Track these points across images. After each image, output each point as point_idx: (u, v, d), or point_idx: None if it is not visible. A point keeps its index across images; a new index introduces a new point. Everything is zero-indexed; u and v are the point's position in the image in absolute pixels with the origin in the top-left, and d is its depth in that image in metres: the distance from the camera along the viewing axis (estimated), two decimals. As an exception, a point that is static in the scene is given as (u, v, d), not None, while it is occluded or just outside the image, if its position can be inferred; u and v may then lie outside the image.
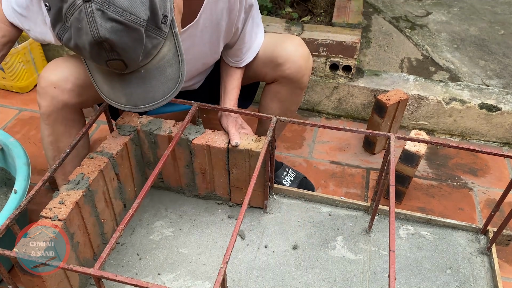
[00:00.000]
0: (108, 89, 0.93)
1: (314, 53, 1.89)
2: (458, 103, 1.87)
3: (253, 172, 1.07)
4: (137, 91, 0.92)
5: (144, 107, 0.95)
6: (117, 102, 0.94)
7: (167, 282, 1.21)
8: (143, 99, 0.94)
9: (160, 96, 0.95)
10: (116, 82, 0.92)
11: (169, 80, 0.94)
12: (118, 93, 0.93)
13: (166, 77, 0.94)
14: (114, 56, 0.83)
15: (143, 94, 0.93)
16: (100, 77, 0.93)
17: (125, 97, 0.93)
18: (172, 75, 0.95)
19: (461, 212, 1.60)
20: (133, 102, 0.94)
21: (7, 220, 0.94)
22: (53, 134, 1.24)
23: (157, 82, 0.93)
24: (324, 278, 1.22)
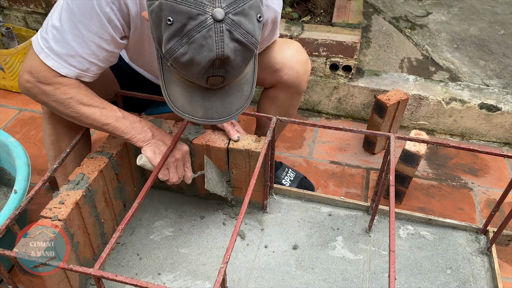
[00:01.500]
0: (185, 102, 0.96)
1: (314, 53, 1.89)
2: (458, 103, 1.87)
3: (253, 172, 1.07)
4: (216, 105, 0.96)
5: (219, 120, 0.99)
6: (192, 115, 0.97)
7: (167, 282, 1.21)
8: (220, 113, 0.97)
9: (233, 111, 0.99)
10: (198, 96, 0.95)
11: (243, 97, 1.00)
12: (196, 107, 0.96)
13: (242, 94, 0.99)
14: (219, 73, 0.87)
15: (221, 109, 0.97)
16: (180, 90, 0.96)
17: (202, 111, 0.96)
18: (247, 93, 1.00)
19: (461, 212, 1.60)
20: (209, 116, 0.97)
21: (7, 220, 0.94)
22: (54, 134, 1.24)
23: (235, 98, 0.98)
24: (324, 278, 1.23)
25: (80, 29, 0.98)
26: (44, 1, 2.08)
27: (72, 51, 1.01)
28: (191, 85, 0.94)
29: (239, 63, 0.87)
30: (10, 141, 1.39)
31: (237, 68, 0.88)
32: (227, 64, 0.86)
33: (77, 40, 1.00)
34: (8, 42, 2.02)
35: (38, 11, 2.12)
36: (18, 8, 2.14)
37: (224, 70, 0.87)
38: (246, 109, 1.45)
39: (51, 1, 2.06)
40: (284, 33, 1.90)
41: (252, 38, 0.85)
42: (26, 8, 2.13)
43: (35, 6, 2.11)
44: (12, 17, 2.19)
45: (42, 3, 2.09)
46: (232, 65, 0.86)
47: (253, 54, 0.90)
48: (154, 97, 1.28)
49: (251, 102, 1.81)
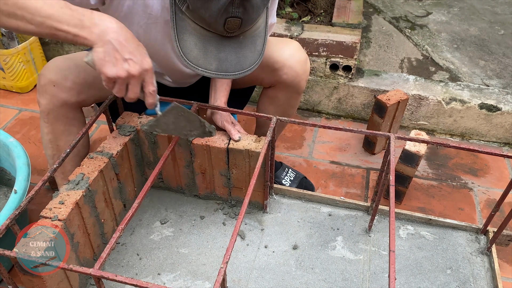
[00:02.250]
0: (198, 53, 0.93)
1: (314, 53, 1.89)
2: (458, 103, 1.86)
3: (253, 172, 1.07)
4: (231, 57, 0.94)
5: (234, 74, 0.96)
6: (205, 68, 0.94)
7: (167, 282, 1.21)
8: (234, 65, 0.95)
9: (247, 66, 0.97)
10: (212, 46, 0.93)
11: (256, 52, 0.97)
12: (210, 58, 0.94)
13: (255, 48, 0.97)
14: (237, 13, 0.86)
15: (236, 61, 0.95)
16: (194, 40, 0.93)
17: (217, 63, 0.94)
18: (259, 47, 0.98)
19: (461, 212, 1.60)
20: (224, 68, 0.95)
21: (7, 220, 0.94)
22: (52, 132, 1.24)
23: (248, 52, 0.96)
24: (324, 278, 1.23)
25: None
26: (44, 1, 2.08)
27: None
28: (206, 33, 0.92)
29: (259, 4, 0.86)
30: (10, 141, 1.39)
31: (256, 8, 0.87)
32: (247, 2, 0.84)
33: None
34: (8, 42, 2.02)
35: None
36: (18, 8, 2.15)
37: (243, 9, 0.85)
38: (246, 109, 1.46)
39: (51, 1, 2.06)
40: (284, 33, 1.90)
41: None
42: (26, 8, 2.13)
43: (35, 6, 2.11)
44: (12, 17, 2.19)
45: (42, 3, 2.09)
46: (252, 5, 0.85)
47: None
48: (154, 97, 1.28)
49: (251, 102, 1.82)
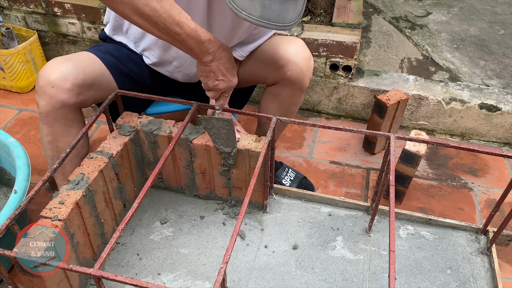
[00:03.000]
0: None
1: (314, 53, 1.89)
2: (458, 103, 1.87)
3: (253, 172, 1.07)
4: (275, 6, 0.95)
5: (275, 25, 0.97)
6: (249, 13, 0.95)
7: (167, 282, 1.21)
8: (277, 16, 0.96)
9: (287, 21, 0.98)
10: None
11: (296, 10, 0.99)
12: (255, 3, 0.94)
13: (296, 7, 0.99)
14: None
15: (279, 12, 0.96)
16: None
17: (261, 9, 0.95)
18: (299, 7, 1.00)
19: (461, 212, 1.60)
20: (267, 17, 0.96)
21: (7, 220, 0.94)
22: (51, 134, 1.23)
23: (291, 7, 0.97)
24: (324, 278, 1.23)
25: None
26: (44, 1, 2.08)
27: None
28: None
29: None
30: (10, 141, 1.39)
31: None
32: None
33: None
34: (8, 42, 2.02)
35: (38, 11, 2.12)
36: (18, 8, 2.15)
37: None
38: (246, 109, 1.46)
39: (51, 1, 2.06)
40: (284, 33, 1.90)
41: None
42: (26, 8, 2.13)
43: (35, 6, 2.11)
44: (12, 17, 2.19)
45: (42, 3, 2.09)
46: None
47: None
48: (154, 97, 1.28)
49: (252, 102, 1.82)
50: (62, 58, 1.21)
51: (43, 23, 2.17)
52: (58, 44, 2.24)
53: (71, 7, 2.05)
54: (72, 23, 2.11)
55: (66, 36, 2.19)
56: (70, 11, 2.06)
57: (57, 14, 2.10)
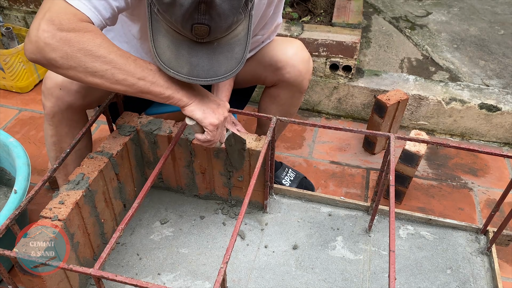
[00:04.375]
0: (170, 56, 0.91)
1: (314, 53, 1.89)
2: (458, 103, 1.86)
3: (253, 172, 1.07)
4: (203, 62, 0.92)
5: (206, 80, 0.93)
6: (177, 71, 0.92)
7: (167, 282, 1.21)
8: (207, 71, 0.92)
9: (222, 73, 0.94)
10: (184, 50, 0.91)
11: (233, 59, 0.95)
12: (182, 62, 0.91)
13: (233, 55, 0.94)
14: (204, 20, 0.84)
15: (208, 67, 0.92)
16: (167, 42, 0.91)
17: (188, 67, 0.92)
18: (238, 55, 0.95)
19: (461, 212, 1.60)
20: (195, 74, 0.92)
21: (7, 220, 0.94)
22: (56, 135, 1.24)
23: (224, 58, 0.93)
24: (324, 278, 1.23)
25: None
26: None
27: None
28: (178, 36, 0.90)
29: (226, 11, 0.84)
30: (10, 141, 1.39)
31: (224, 17, 0.84)
32: (213, 10, 0.82)
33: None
34: (8, 42, 2.02)
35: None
36: (18, 8, 2.14)
37: (209, 17, 0.83)
38: (246, 108, 1.46)
39: (51, 1, 2.06)
40: (284, 33, 1.90)
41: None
42: (26, 8, 2.13)
43: (35, 6, 2.11)
44: (12, 17, 2.19)
45: (42, 3, 2.09)
46: (218, 12, 0.83)
47: (241, 3, 0.86)
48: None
49: (252, 102, 1.82)
50: None
51: (43, 23, 2.16)
52: (58, 44, 2.24)
53: (71, 7, 2.05)
54: (72, 23, 2.11)
55: (66, 36, 2.18)
56: (70, 11, 2.06)
57: (57, 14, 2.10)
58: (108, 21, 0.94)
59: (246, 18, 0.94)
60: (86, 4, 0.88)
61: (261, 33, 1.27)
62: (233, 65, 0.95)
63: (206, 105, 1.01)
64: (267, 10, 1.20)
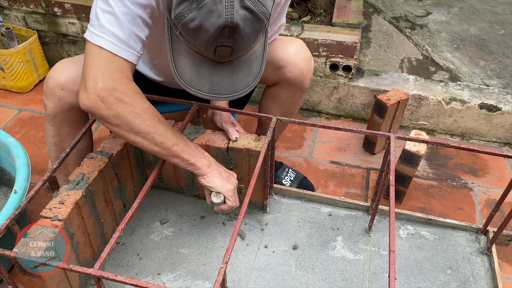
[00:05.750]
0: (192, 75, 0.95)
1: (314, 53, 1.89)
2: (458, 103, 1.86)
3: (253, 172, 1.07)
4: (224, 80, 0.95)
5: (226, 96, 0.97)
6: (198, 89, 0.95)
7: (167, 282, 1.21)
8: (227, 88, 0.96)
9: (241, 88, 0.98)
10: (205, 70, 0.94)
11: (252, 74, 0.98)
12: (203, 81, 0.95)
13: (251, 71, 0.98)
14: (228, 43, 0.86)
15: (228, 84, 0.96)
16: (188, 62, 0.94)
17: (209, 85, 0.95)
18: (255, 70, 0.99)
19: (461, 212, 1.60)
20: (216, 91, 0.96)
21: (7, 220, 0.94)
22: (58, 135, 1.24)
23: (243, 75, 0.97)
24: (324, 278, 1.23)
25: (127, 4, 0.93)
26: (44, 1, 2.08)
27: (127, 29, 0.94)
28: (199, 57, 0.93)
29: (249, 34, 0.86)
30: (10, 141, 1.39)
31: (247, 39, 0.87)
32: (236, 33, 0.85)
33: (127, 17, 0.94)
34: (8, 42, 2.02)
35: (38, 11, 2.12)
36: (18, 8, 2.14)
37: (232, 40, 0.86)
38: (246, 108, 1.46)
39: (51, 1, 2.06)
40: (284, 33, 1.90)
41: (263, 8, 0.84)
42: (26, 8, 2.13)
43: (35, 6, 2.11)
44: (12, 17, 2.19)
45: (42, 3, 2.09)
46: (241, 35, 0.85)
47: (263, 25, 0.88)
48: (154, 97, 1.28)
49: (252, 102, 1.82)
50: (70, 59, 1.20)
51: (43, 23, 2.16)
52: (58, 44, 2.24)
53: (71, 7, 2.05)
54: (72, 23, 2.11)
55: (66, 36, 2.18)
56: (70, 11, 2.06)
57: (57, 14, 2.10)
58: (141, 51, 1.00)
59: (263, 35, 0.97)
60: (122, 47, 0.95)
61: None
62: (251, 80, 0.99)
63: (221, 174, 1.13)
64: (274, 12, 1.20)
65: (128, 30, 0.95)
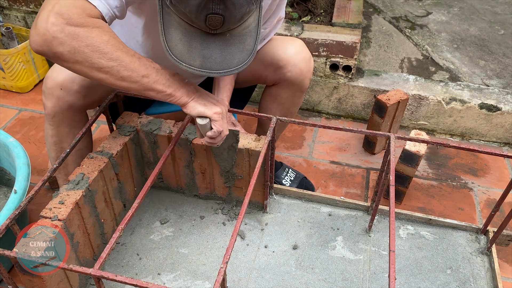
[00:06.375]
0: (183, 49, 0.92)
1: (314, 53, 1.89)
2: (458, 103, 1.86)
3: (253, 172, 1.07)
4: (215, 54, 0.92)
5: (218, 72, 0.93)
6: (189, 64, 0.92)
7: (167, 282, 1.21)
8: (219, 63, 0.93)
9: (234, 65, 0.94)
10: (197, 42, 0.91)
11: (245, 50, 0.95)
12: (194, 54, 0.92)
13: (244, 47, 0.95)
14: (219, 10, 0.84)
15: (221, 59, 0.93)
16: (179, 35, 0.91)
17: (201, 59, 0.92)
18: (249, 46, 0.96)
19: (461, 212, 1.60)
20: (208, 66, 0.93)
21: (7, 220, 0.94)
22: (57, 135, 1.24)
23: (236, 50, 0.94)
24: (324, 278, 1.23)
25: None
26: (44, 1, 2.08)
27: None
28: (190, 28, 0.90)
29: (241, 1, 0.85)
30: (10, 141, 1.39)
31: (238, 6, 0.85)
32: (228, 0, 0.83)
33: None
34: (8, 42, 2.02)
35: (38, 11, 2.13)
36: (18, 8, 2.15)
37: (224, 6, 0.84)
38: (246, 108, 1.46)
39: (51, 1, 2.06)
40: (284, 33, 1.90)
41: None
42: (26, 8, 2.13)
43: (35, 6, 2.11)
44: (12, 17, 2.19)
45: (42, 3, 2.09)
46: (232, 1, 0.84)
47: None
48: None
49: (252, 102, 1.82)
50: None
51: (43, 23, 2.16)
52: (58, 44, 2.24)
53: (71, 7, 2.05)
54: (72, 23, 2.11)
55: (66, 36, 2.18)
56: (70, 11, 2.06)
57: (57, 14, 2.10)
58: (116, 10, 0.94)
59: (257, 9, 0.94)
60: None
61: (263, 27, 1.28)
62: (244, 57, 0.96)
63: (205, 99, 1.03)
64: (272, 3, 1.20)
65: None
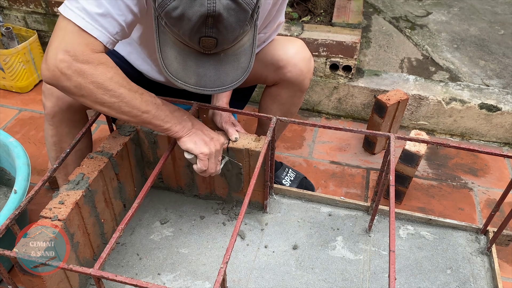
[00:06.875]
0: (178, 67, 0.94)
1: (314, 53, 1.89)
2: (458, 103, 1.86)
3: (253, 172, 1.07)
4: (210, 73, 0.94)
5: (213, 90, 0.96)
6: (184, 81, 0.95)
7: (167, 282, 1.21)
8: (214, 81, 0.95)
9: (228, 82, 0.97)
10: (192, 61, 0.93)
11: (240, 68, 0.97)
12: (189, 73, 0.94)
13: (239, 65, 0.97)
14: (211, 33, 0.86)
15: (215, 77, 0.95)
16: (174, 53, 0.94)
17: (195, 77, 0.94)
18: (244, 64, 0.98)
19: (461, 212, 1.60)
20: (202, 84, 0.95)
21: (7, 220, 0.94)
22: (57, 135, 1.24)
23: (231, 68, 0.96)
24: (324, 278, 1.23)
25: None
26: (44, 1, 2.08)
27: (103, 8, 0.92)
28: (185, 48, 0.92)
29: (233, 24, 0.85)
30: (10, 141, 1.39)
31: (231, 30, 0.86)
32: (220, 23, 0.84)
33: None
34: (8, 42, 2.02)
35: (38, 11, 2.12)
36: (18, 8, 2.14)
37: (216, 30, 0.85)
38: (246, 108, 1.46)
39: (51, 1, 2.06)
40: (284, 33, 1.90)
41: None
42: (26, 8, 2.13)
43: (35, 6, 2.11)
44: (12, 17, 2.19)
45: (42, 3, 2.09)
46: (225, 25, 0.85)
47: (248, 16, 0.87)
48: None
49: (252, 102, 1.82)
50: None
51: (43, 23, 2.17)
52: (58, 44, 2.24)
53: (71, 7, 2.05)
54: (72, 23, 2.11)
55: (66, 36, 2.18)
56: (70, 11, 2.06)
57: (57, 14, 2.10)
58: (117, 36, 0.98)
59: (252, 29, 0.96)
60: (93, 24, 0.92)
61: (263, 32, 1.28)
62: (239, 75, 0.98)
63: (198, 137, 1.10)
64: (272, 9, 1.20)
65: (104, 9, 0.93)
